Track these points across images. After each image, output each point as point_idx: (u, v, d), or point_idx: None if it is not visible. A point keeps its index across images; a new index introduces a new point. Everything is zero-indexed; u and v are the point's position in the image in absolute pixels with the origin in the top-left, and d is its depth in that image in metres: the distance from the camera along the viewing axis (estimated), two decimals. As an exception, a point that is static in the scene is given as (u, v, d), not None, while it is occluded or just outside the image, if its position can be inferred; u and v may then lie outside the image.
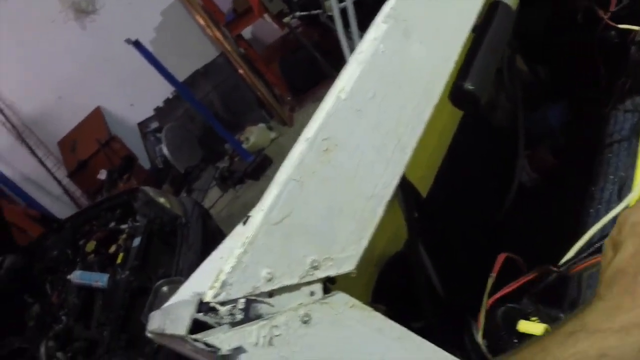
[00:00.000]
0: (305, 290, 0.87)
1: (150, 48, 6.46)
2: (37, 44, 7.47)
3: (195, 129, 7.59)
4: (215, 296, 0.81)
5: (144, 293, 3.31)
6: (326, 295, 0.88)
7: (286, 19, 2.85)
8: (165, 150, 7.21)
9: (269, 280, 0.84)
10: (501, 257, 1.34)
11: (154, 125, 7.92)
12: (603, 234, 1.25)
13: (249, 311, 0.83)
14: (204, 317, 0.83)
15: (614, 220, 1.25)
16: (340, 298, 0.88)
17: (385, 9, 1.07)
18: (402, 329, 0.90)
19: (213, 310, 0.83)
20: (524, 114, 2.13)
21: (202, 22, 7.05)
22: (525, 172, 2.45)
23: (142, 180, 7.14)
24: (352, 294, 1.34)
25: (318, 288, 0.87)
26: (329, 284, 0.93)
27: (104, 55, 7.64)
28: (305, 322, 0.84)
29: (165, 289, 3.21)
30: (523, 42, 2.30)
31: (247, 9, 6.60)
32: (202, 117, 7.13)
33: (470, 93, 1.17)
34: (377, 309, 1.45)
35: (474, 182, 2.19)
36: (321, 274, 0.88)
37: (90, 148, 7.43)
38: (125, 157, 7.49)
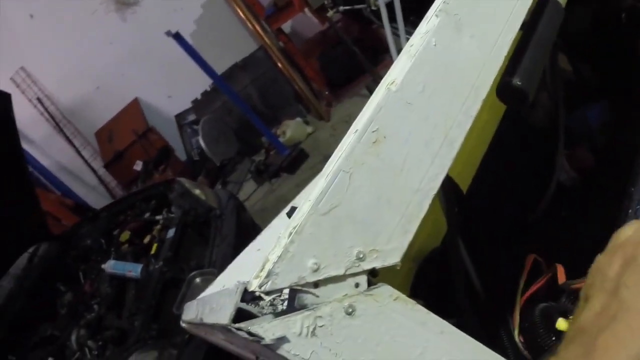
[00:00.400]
0: (351, 281, 0.86)
1: (189, 41, 6.50)
2: (77, 34, 7.59)
3: (232, 121, 7.63)
4: (261, 285, 0.81)
5: (177, 284, 3.33)
6: (371, 287, 0.87)
7: (330, 13, 2.85)
8: (201, 143, 7.24)
9: (315, 270, 0.84)
10: (530, 258, 1.33)
11: (191, 117, 7.98)
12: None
13: (294, 301, 0.83)
14: (248, 306, 0.83)
15: None
16: (385, 290, 0.88)
17: (438, 3, 1.07)
18: (445, 323, 0.90)
19: (257, 299, 0.83)
20: (565, 112, 2.11)
21: (242, 15, 7.07)
22: (564, 171, 2.42)
23: (178, 172, 7.20)
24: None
25: (363, 280, 0.87)
26: (371, 277, 0.92)
27: (143, 47, 7.72)
28: (349, 314, 0.84)
29: (198, 280, 3.22)
30: (566, 40, 2.27)
31: (288, 3, 6.61)
32: (239, 110, 7.16)
33: (518, 89, 1.16)
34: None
35: (514, 180, 2.17)
36: (366, 265, 0.87)
37: (127, 139, 7.51)
38: (162, 149, 7.56)
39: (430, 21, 1.05)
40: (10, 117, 4.07)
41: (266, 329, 0.79)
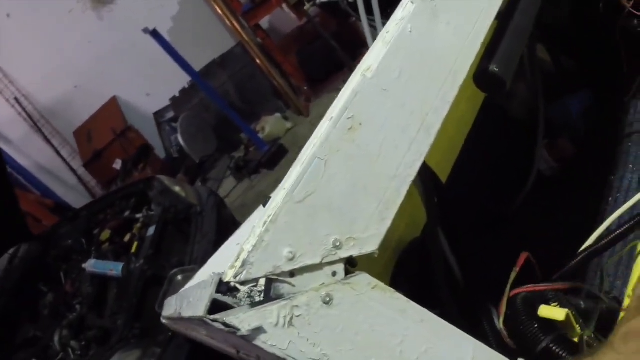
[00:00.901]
0: (328, 270, 0.85)
1: (167, 38, 6.47)
2: (54, 33, 7.52)
3: (210, 118, 7.60)
4: (236, 275, 0.80)
5: (158, 282, 3.30)
6: (348, 275, 0.86)
7: (307, 6, 2.83)
8: (180, 140, 7.21)
9: (291, 259, 0.82)
10: (523, 256, 1.33)
11: (170, 115, 7.94)
12: (621, 221, 1.23)
13: (270, 291, 0.81)
14: (224, 297, 0.81)
15: (632, 208, 1.24)
16: (363, 279, 0.86)
17: (414, -11, 1.05)
18: (424, 311, 0.89)
19: (233, 290, 0.81)
20: (544, 102, 2.12)
21: (219, 11, 7.04)
22: (545, 160, 2.43)
23: (158, 170, 7.16)
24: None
25: (340, 268, 0.86)
26: (350, 267, 0.91)
27: (120, 45, 7.66)
28: (326, 303, 0.83)
29: (179, 277, 3.20)
30: (545, 31, 2.28)
31: (266, -1, 6.60)
32: (218, 107, 7.12)
33: (495, 76, 1.15)
34: (397, 294, 1.44)
35: (494, 170, 2.17)
36: (344, 253, 0.86)
37: (106, 138, 7.45)
38: (141, 147, 7.51)
39: (406, 8, 1.04)
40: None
41: (242, 319, 0.78)
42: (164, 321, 1.57)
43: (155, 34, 5.99)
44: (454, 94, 1.03)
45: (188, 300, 1.07)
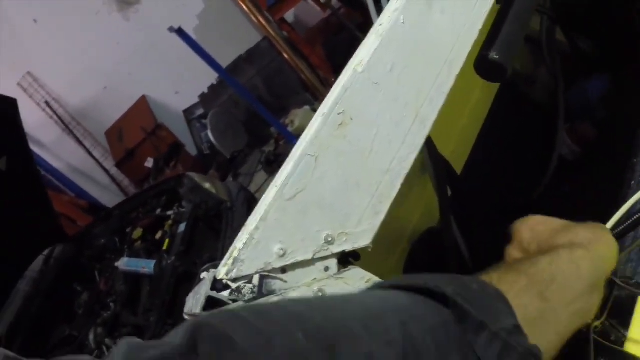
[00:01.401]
0: (320, 265, 0.86)
1: (193, 35, 6.49)
2: (81, 36, 7.59)
3: (240, 114, 7.62)
4: (228, 273, 0.81)
5: (190, 278, 3.34)
6: (342, 270, 0.87)
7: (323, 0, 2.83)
8: (210, 136, 7.24)
9: (282, 256, 0.83)
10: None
11: (199, 111, 7.98)
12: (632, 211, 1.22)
13: (262, 287, 0.82)
14: (218, 294, 0.82)
15: None
16: (356, 273, 0.87)
17: (406, -21, 1.05)
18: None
19: (227, 287, 0.83)
20: (564, 86, 2.09)
21: (244, 7, 7.05)
22: (566, 145, 2.40)
23: (189, 167, 7.21)
24: (382, 269, 1.32)
25: (333, 263, 0.86)
26: (353, 260, 0.92)
27: (147, 45, 7.74)
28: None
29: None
30: (564, 13, 2.25)
31: (290, -8, 6.60)
32: (247, 102, 7.13)
33: (495, 63, 1.14)
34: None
35: (513, 156, 2.16)
36: (336, 249, 0.86)
37: (137, 137, 7.54)
38: (172, 145, 7.58)
39: (400, -1, 1.03)
40: (17, 122, 4.10)
41: (234, 316, 0.79)
42: (186, 317, 1.59)
43: (180, 32, 6.01)
44: (451, 84, 1.03)
45: (196, 297, 1.09)
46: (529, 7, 1.29)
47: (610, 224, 1.26)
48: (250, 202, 4.18)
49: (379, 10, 1.83)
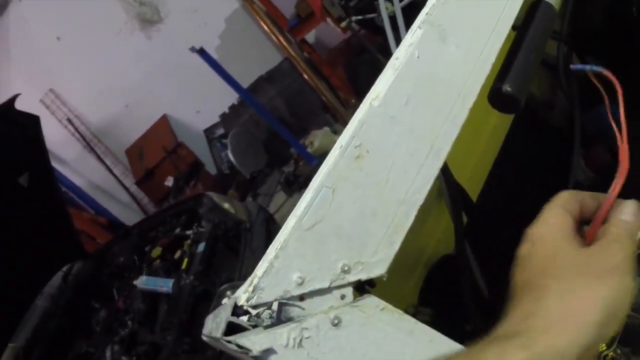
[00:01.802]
0: (336, 293, 0.88)
1: (214, 55, 6.57)
2: (103, 54, 7.72)
3: (260, 134, 7.67)
4: (248, 300, 0.84)
5: (208, 298, 3.37)
6: (357, 298, 0.89)
7: (343, 24, 2.87)
8: (230, 156, 7.29)
9: (300, 284, 0.86)
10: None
11: (220, 131, 8.04)
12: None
13: (281, 314, 0.85)
14: (239, 320, 0.86)
15: None
16: (371, 301, 0.89)
17: (421, 15, 1.08)
18: (433, 332, 0.91)
19: (247, 313, 0.86)
20: (580, 112, 2.10)
21: (265, 28, 7.12)
22: (582, 170, 2.41)
23: (209, 186, 7.25)
24: (399, 295, 1.35)
25: (349, 291, 0.89)
26: (368, 287, 0.94)
27: (169, 64, 7.84)
28: (335, 325, 0.86)
29: (228, 293, 3.25)
30: (579, 39, 2.26)
31: (310, 13, 6.64)
32: (267, 122, 7.20)
33: (509, 95, 1.17)
34: (422, 313, 1.46)
35: (529, 182, 2.17)
36: (352, 277, 0.89)
37: (157, 155, 7.61)
38: (192, 164, 7.63)
39: (414, 33, 1.06)
40: (40, 139, 4.16)
41: (254, 341, 0.82)
42: (204, 338, 1.61)
43: (202, 52, 6.09)
44: (464, 116, 1.06)
45: (216, 321, 1.12)
46: (542, 38, 1.32)
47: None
48: (269, 223, 4.21)
49: (397, 39, 1.86)
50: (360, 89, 7.41)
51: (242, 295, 0.86)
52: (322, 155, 6.86)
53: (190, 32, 7.43)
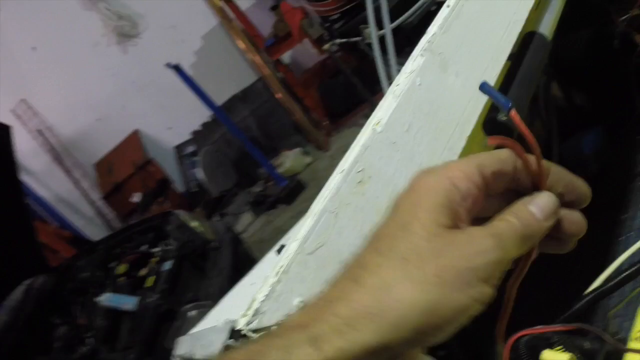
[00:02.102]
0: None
1: (190, 72, 6.55)
2: (79, 66, 7.65)
3: (231, 152, 7.65)
4: (248, 324, 0.83)
5: (173, 317, 3.33)
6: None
7: (326, 46, 2.89)
8: (200, 174, 7.26)
9: (301, 308, 0.85)
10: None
11: (191, 148, 7.99)
12: (632, 261, 1.24)
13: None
14: (235, 343, 0.84)
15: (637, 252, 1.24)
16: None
17: (422, 43, 1.09)
18: (427, 358, 0.91)
19: (245, 337, 0.84)
20: (558, 140, 2.12)
21: (242, 46, 7.12)
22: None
23: (176, 204, 7.18)
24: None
25: (347, 317, 0.88)
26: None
27: (144, 79, 7.80)
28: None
29: (193, 313, 3.23)
30: (560, 68, 2.30)
31: (287, 34, 6.67)
32: (239, 141, 7.19)
33: (503, 124, 1.18)
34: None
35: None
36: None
37: (126, 170, 7.54)
38: (160, 181, 7.57)
39: (415, 61, 1.07)
40: (9, 149, 4.11)
41: (252, 366, 0.81)
42: (176, 359, 1.59)
43: (177, 69, 6.08)
44: (462, 144, 1.06)
45: (201, 343, 1.10)
46: (537, 68, 1.34)
47: (598, 281, 1.28)
48: (236, 243, 4.20)
49: (386, 61, 1.86)
50: (333, 110, 7.44)
51: (241, 319, 0.84)
52: (292, 177, 6.88)
53: (167, 47, 7.39)
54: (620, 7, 2.03)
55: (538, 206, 0.69)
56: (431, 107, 1.04)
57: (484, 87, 0.73)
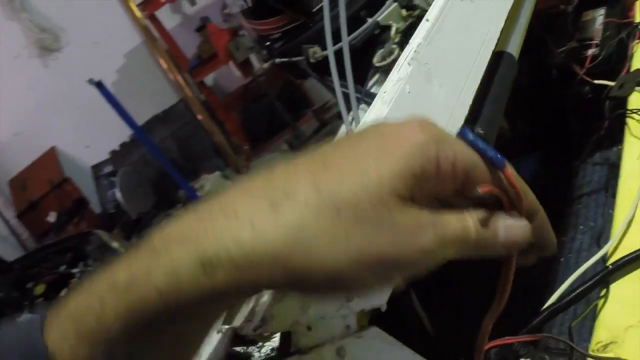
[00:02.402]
0: (341, 323, 0.86)
1: (111, 90, 6.42)
2: (-3, 78, 7.37)
3: (150, 174, 7.52)
4: (256, 329, 0.81)
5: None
6: (361, 329, 0.88)
7: (265, 65, 2.86)
8: (118, 195, 7.12)
9: (307, 314, 0.84)
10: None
11: (108, 168, 7.81)
12: (585, 278, 1.27)
13: (285, 344, 0.83)
14: (237, 349, 0.82)
15: (585, 271, 1.28)
16: (374, 332, 0.88)
17: (408, 52, 1.09)
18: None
19: (248, 342, 0.82)
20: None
21: (165, 66, 7.05)
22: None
23: (93, 225, 6.98)
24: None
25: (353, 321, 0.87)
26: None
27: (63, 95, 7.58)
28: (340, 355, 0.84)
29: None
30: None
31: (212, 55, 6.64)
32: (158, 163, 7.06)
33: (482, 137, 1.19)
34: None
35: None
36: (355, 307, 0.87)
37: (42, 189, 7.28)
38: (76, 200, 7.37)
39: (402, 69, 1.07)
40: None
41: (258, 372, 0.79)
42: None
43: (100, 85, 5.95)
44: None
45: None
46: (507, 86, 1.37)
47: (553, 298, 1.31)
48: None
49: (328, 82, 1.85)
50: (255, 135, 7.45)
51: (245, 324, 0.82)
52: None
53: (88, 63, 7.19)
54: (557, 38, 2.08)
55: (508, 229, 0.63)
56: (419, 115, 1.05)
57: (467, 137, 0.64)
